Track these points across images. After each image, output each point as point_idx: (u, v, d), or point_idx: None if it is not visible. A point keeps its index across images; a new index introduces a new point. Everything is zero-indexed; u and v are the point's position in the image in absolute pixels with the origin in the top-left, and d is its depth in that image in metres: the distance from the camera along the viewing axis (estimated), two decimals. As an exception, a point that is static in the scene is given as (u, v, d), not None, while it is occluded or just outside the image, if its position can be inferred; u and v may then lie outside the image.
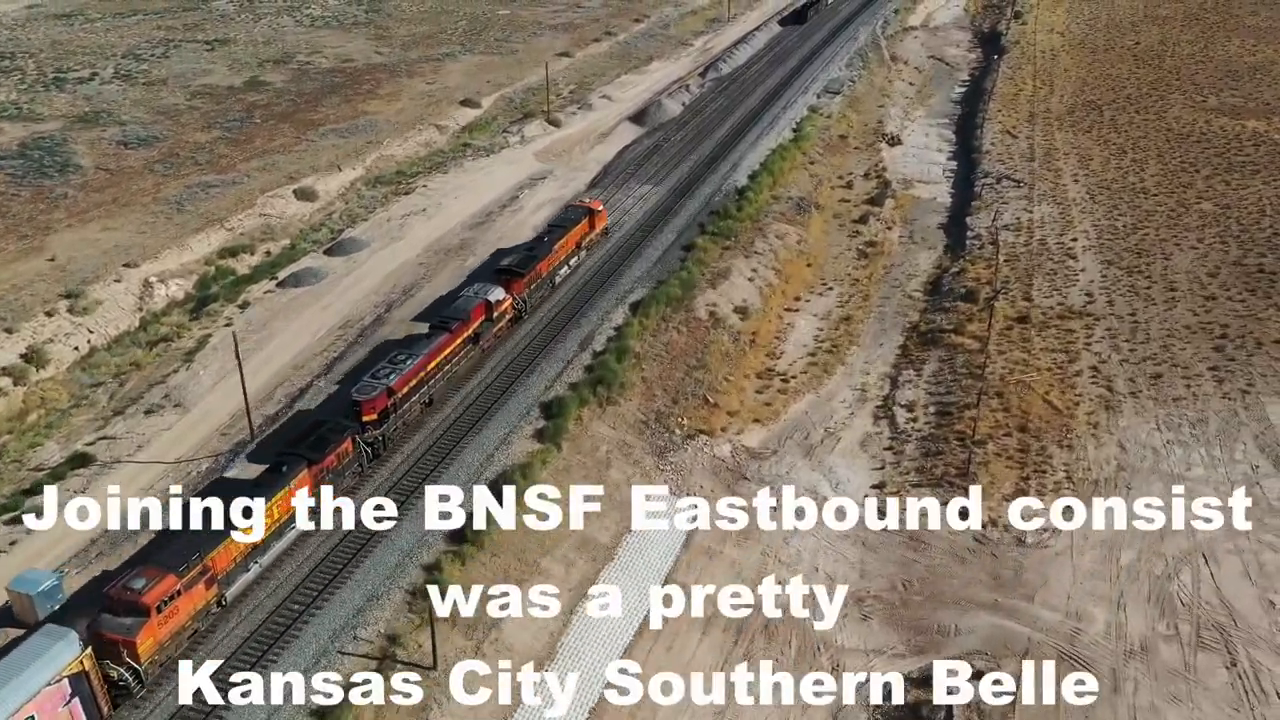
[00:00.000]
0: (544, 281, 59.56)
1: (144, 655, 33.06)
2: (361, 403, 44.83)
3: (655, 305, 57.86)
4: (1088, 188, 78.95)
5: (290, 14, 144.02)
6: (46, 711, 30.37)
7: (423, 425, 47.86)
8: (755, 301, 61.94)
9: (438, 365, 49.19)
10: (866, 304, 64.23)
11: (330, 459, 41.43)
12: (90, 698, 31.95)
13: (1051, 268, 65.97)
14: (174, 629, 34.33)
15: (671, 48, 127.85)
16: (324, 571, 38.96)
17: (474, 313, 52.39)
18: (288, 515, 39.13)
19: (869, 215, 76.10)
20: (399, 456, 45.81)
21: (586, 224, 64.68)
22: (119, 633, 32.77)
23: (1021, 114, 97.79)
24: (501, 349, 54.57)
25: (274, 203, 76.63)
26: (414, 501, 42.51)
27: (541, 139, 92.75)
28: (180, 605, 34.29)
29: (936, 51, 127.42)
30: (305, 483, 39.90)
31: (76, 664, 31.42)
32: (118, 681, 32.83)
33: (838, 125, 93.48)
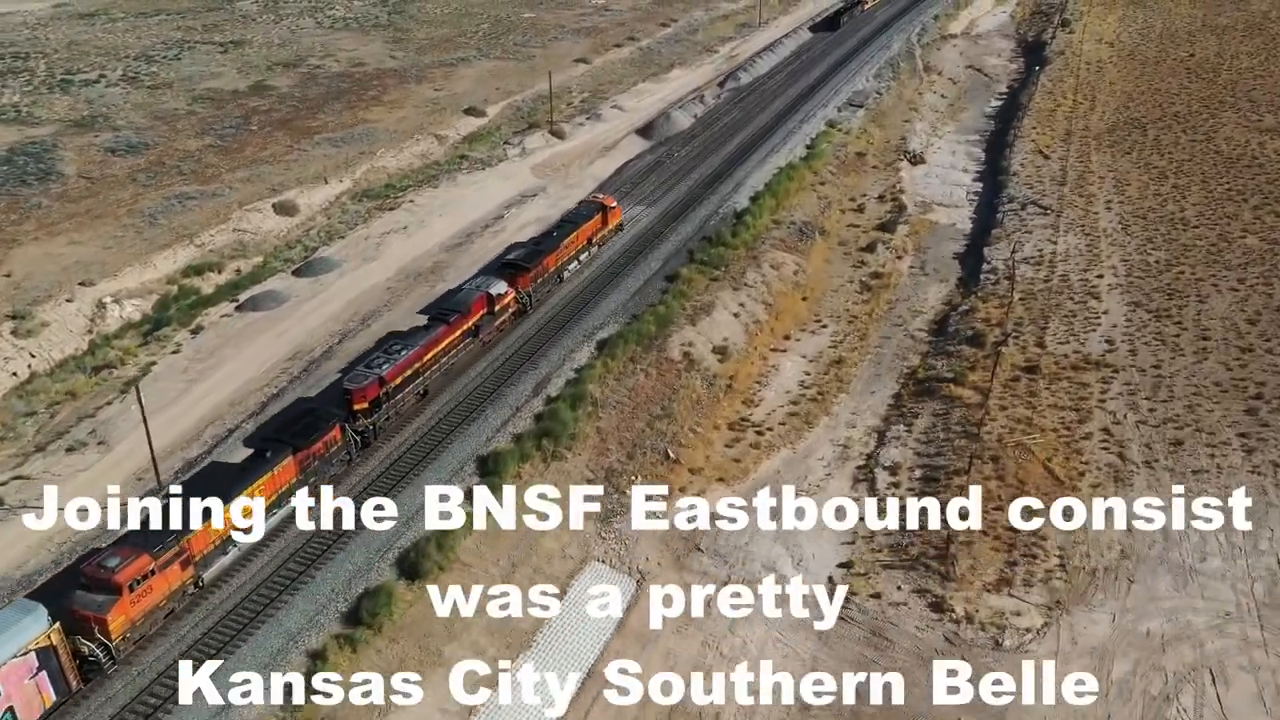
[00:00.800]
0: (551, 276, 59.65)
1: (115, 633, 33.49)
2: (352, 391, 45.00)
3: (624, 344, 53.20)
4: (1121, 216, 72.53)
5: (312, 15, 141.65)
6: (12, 683, 30.57)
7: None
8: (738, 340, 56.93)
9: (434, 357, 49.05)
10: (863, 344, 58.86)
11: (318, 446, 41.59)
12: (58, 671, 32.27)
13: (1071, 309, 59.98)
14: (147, 608, 34.65)
15: (695, 55, 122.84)
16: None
17: (474, 305, 52.29)
18: (271, 500, 39.24)
19: (878, 243, 70.56)
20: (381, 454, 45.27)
21: (599, 220, 64.75)
22: (91, 609, 33.23)
23: (1057, 131, 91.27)
24: (457, 385, 50.42)
25: (250, 217, 73.25)
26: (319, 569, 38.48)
27: (542, 151, 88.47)
28: (154, 585, 34.64)
29: (975, 61, 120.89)
30: (291, 469, 40.20)
31: (44, 638, 31.71)
32: (89, 657, 33.22)
33: (856, 142, 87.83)
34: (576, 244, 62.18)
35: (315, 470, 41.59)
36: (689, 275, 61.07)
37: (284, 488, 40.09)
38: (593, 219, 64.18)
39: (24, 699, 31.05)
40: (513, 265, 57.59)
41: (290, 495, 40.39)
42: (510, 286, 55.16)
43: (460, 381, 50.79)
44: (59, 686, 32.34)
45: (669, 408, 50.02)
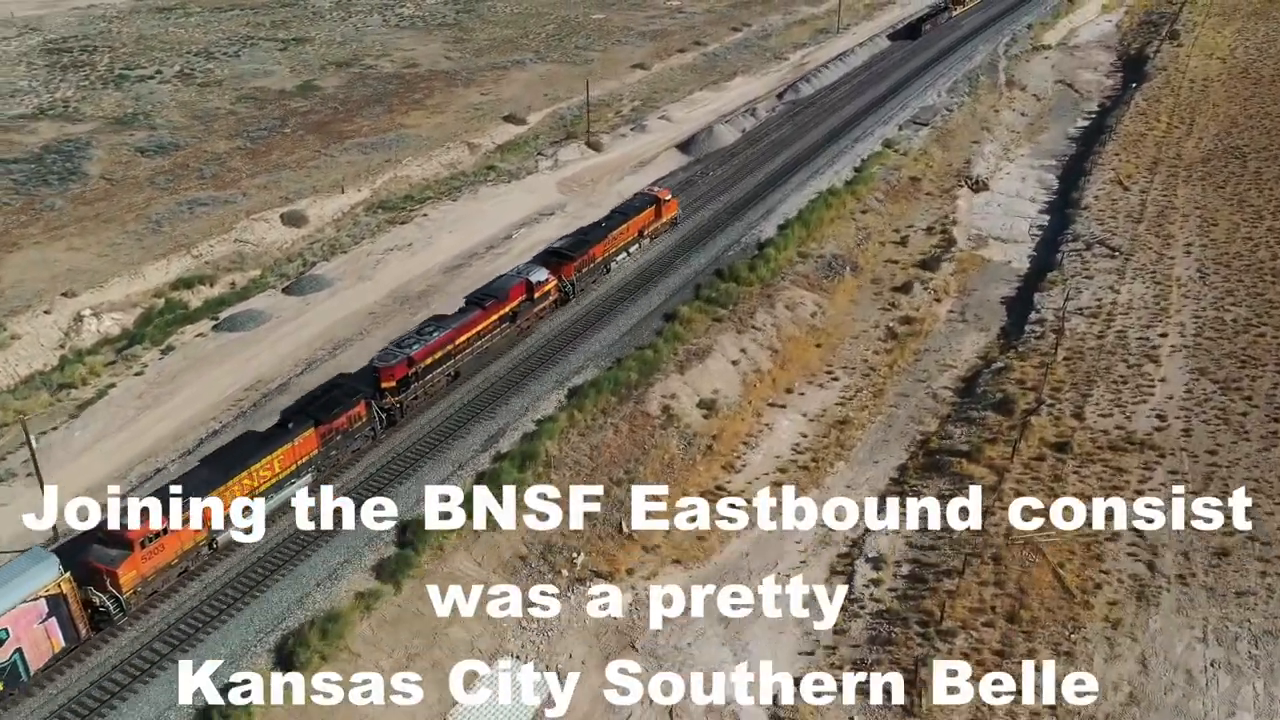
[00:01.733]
0: (597, 266, 59.94)
1: (126, 586, 34.94)
2: (380, 370, 46.04)
3: (596, 394, 48.08)
4: (1201, 262, 63.95)
5: (381, 12, 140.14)
6: (21, 626, 32.21)
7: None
8: (732, 392, 51.18)
9: (467, 340, 49.58)
10: (876, 403, 52.43)
11: (341, 420, 42.74)
12: (68, 619, 33.66)
13: (1122, 373, 52.31)
14: (159, 565, 36.03)
15: (762, 62, 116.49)
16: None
17: (512, 292, 52.74)
18: (291, 470, 40.34)
19: (915, 282, 63.63)
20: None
21: (651, 213, 64.67)
22: (104, 562, 34.86)
23: (1143, 159, 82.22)
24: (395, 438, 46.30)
25: (256, 227, 70.55)
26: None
27: (575, 164, 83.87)
28: (166, 543, 36.05)
29: (1068, 75, 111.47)
30: (312, 441, 41.33)
31: (55, 586, 33.07)
32: (100, 608, 34.61)
33: (912, 165, 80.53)
34: (626, 236, 62.24)
35: (338, 444, 42.88)
36: (688, 314, 55.50)
37: (304, 459, 41.13)
38: (645, 211, 64.00)
39: (33, 642, 32.73)
40: (557, 253, 58.00)
41: (310, 466, 41.50)
42: (553, 274, 55.75)
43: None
44: (68, 633, 33.79)
45: (634, 470, 44.73)
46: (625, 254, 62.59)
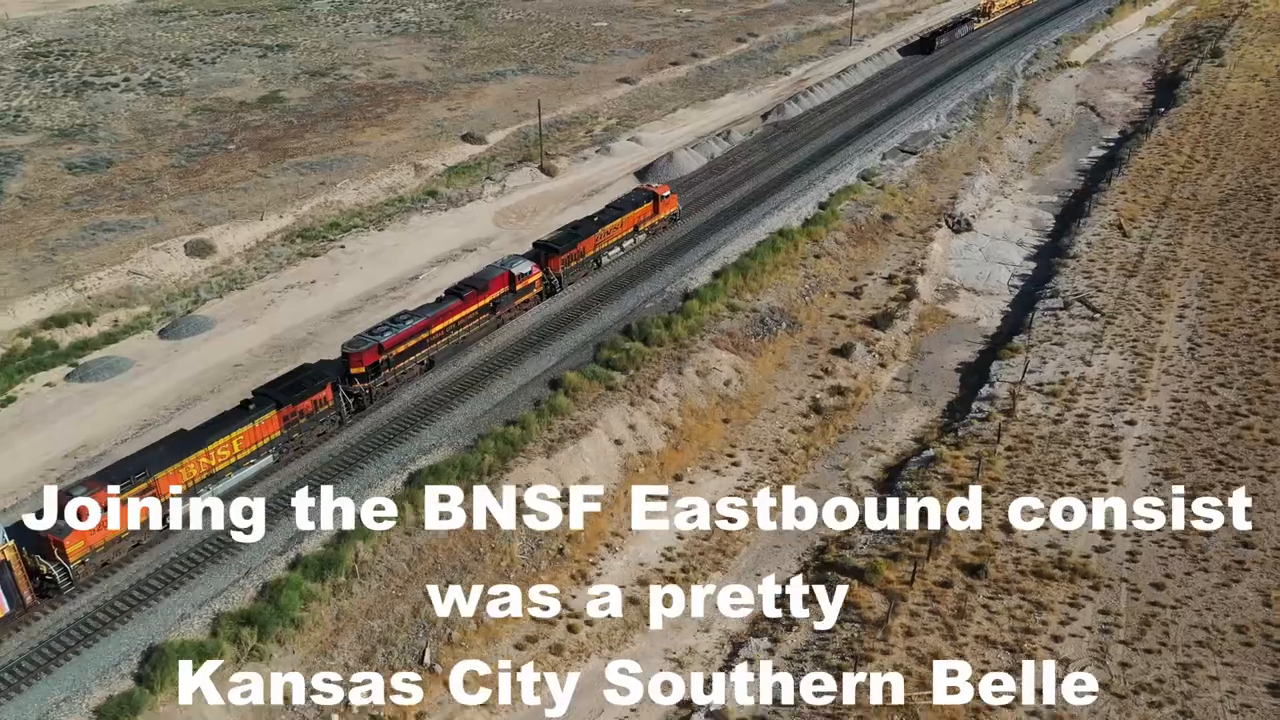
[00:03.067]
0: (587, 261, 60.25)
1: (73, 556, 35.73)
2: (350, 355, 46.34)
3: (436, 481, 41.39)
4: (1194, 330, 55.29)
5: (378, 18, 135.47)
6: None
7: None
8: (605, 480, 44.26)
9: (443, 330, 50.18)
10: (778, 495, 45.03)
11: (305, 404, 43.35)
12: (12, 585, 34.33)
13: (1072, 471, 44.26)
14: (108, 537, 36.68)
15: (759, 77, 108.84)
16: None
17: (493, 283, 53.20)
18: (250, 450, 41.21)
19: (859, 342, 55.96)
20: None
21: (649, 208, 64.57)
22: (53, 532, 35.50)
23: (1153, 198, 73.19)
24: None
25: (155, 257, 65.36)
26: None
27: (522, 191, 77.43)
28: (116, 515, 36.61)
29: (1092, 97, 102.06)
30: (274, 423, 41.96)
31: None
32: (47, 576, 35.37)
33: (888, 200, 72.54)
34: (620, 230, 62.44)
35: (301, 427, 43.45)
36: (576, 382, 48.62)
37: (265, 440, 41.79)
38: (641, 206, 64.05)
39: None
40: (546, 246, 58.51)
41: (271, 448, 42.07)
42: (539, 267, 56.35)
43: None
44: (12, 599, 34.47)
45: (463, 579, 38.02)
46: (619, 248, 62.60)
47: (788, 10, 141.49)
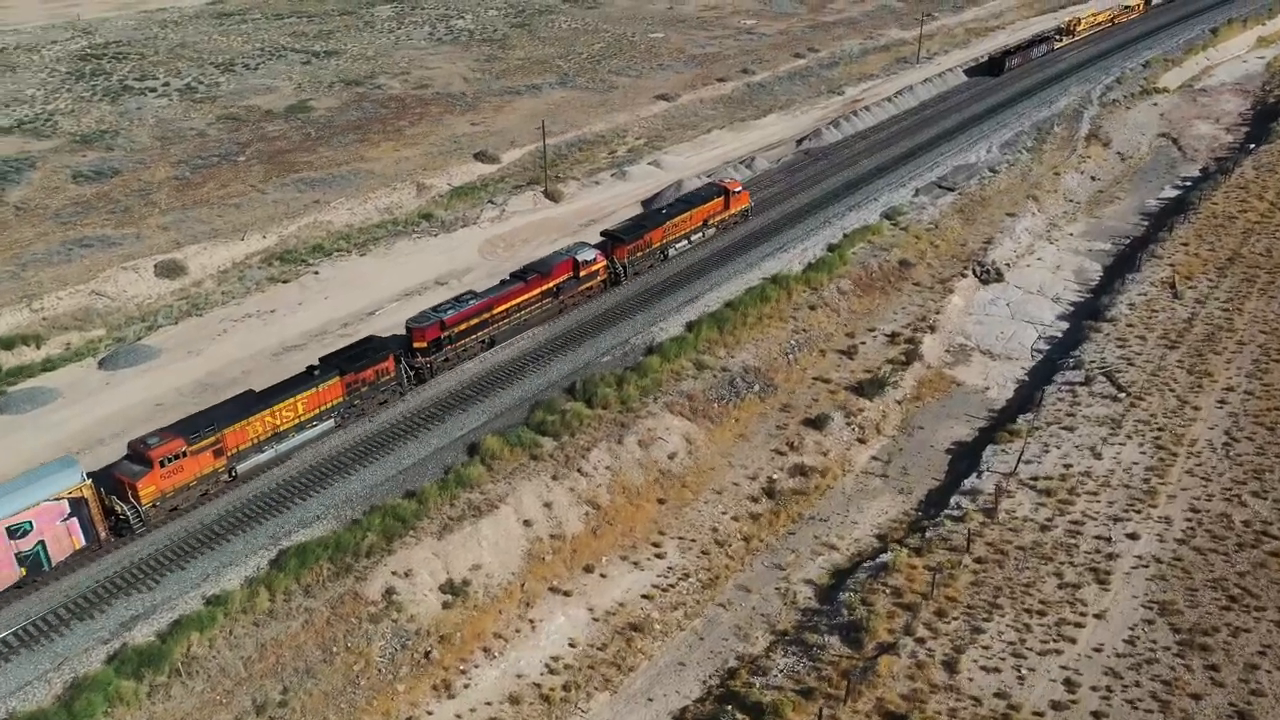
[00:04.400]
0: (653, 252, 61.43)
1: (145, 499, 38.71)
2: (413, 330, 48.92)
3: (305, 562, 37.05)
4: (1235, 421, 47.14)
5: (434, 25, 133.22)
6: (44, 521, 36.08)
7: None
8: (502, 570, 39.18)
9: (505, 311, 52.32)
10: (700, 599, 39.30)
11: (367, 373, 46.08)
12: (89, 521, 37.41)
13: (1048, 596, 37.25)
14: (177, 484, 39.60)
15: (810, 96, 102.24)
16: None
17: (557, 269, 54.86)
18: (313, 413, 43.99)
19: (839, 412, 49.57)
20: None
21: (719, 203, 65.56)
22: (127, 475, 38.67)
23: (1219, 253, 64.33)
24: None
25: (121, 278, 63.08)
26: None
27: (520, 217, 73.01)
28: (185, 465, 39.59)
29: (1177, 128, 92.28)
30: (337, 389, 44.83)
31: (77, 490, 36.84)
32: (121, 516, 38.49)
33: (911, 244, 65.52)
34: (689, 224, 63.44)
35: (363, 395, 46.14)
36: (496, 448, 43.69)
37: (328, 405, 44.52)
38: (711, 201, 64.93)
39: (54, 537, 36.45)
40: (613, 236, 59.92)
41: (333, 413, 44.83)
42: (604, 256, 57.80)
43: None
44: (89, 534, 37.57)
45: (302, 687, 33.47)
46: (686, 241, 63.53)
47: (858, 24, 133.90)
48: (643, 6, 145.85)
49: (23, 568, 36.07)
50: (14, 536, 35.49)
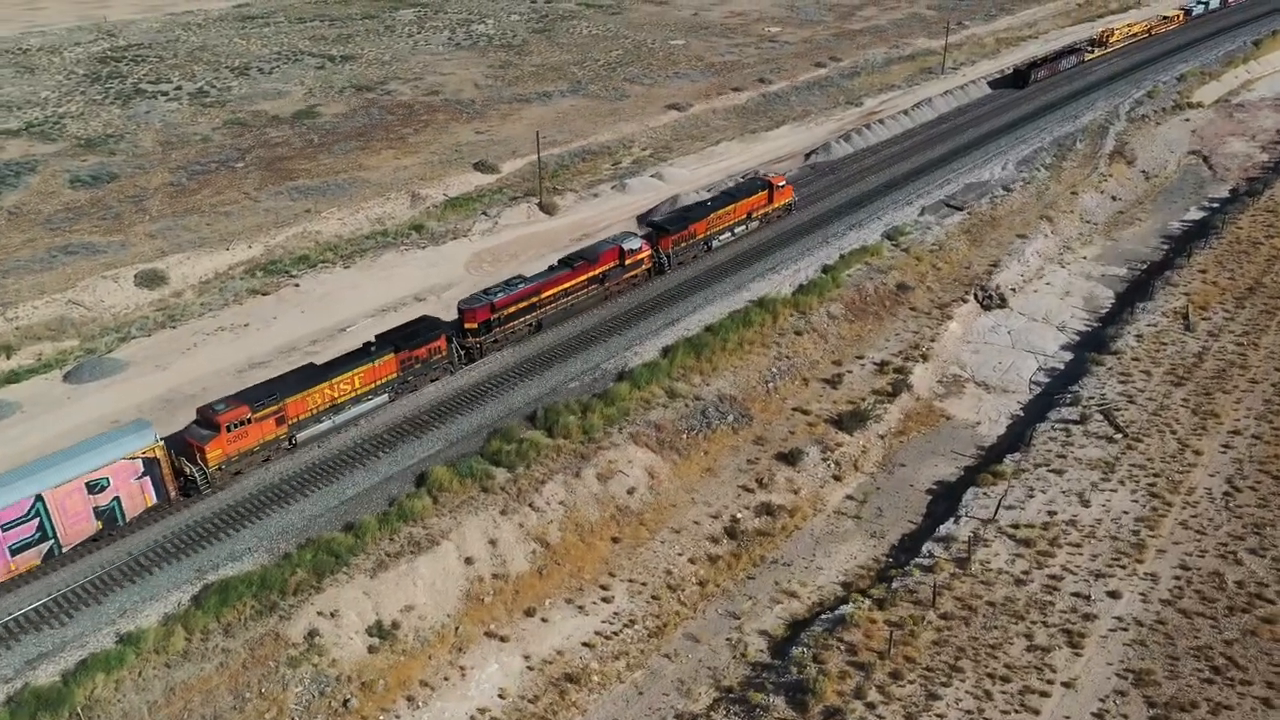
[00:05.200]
0: (697, 243, 62.88)
1: (212, 461, 41.22)
2: (464, 311, 51.27)
3: (228, 600, 35.43)
4: (1239, 468, 43.93)
5: (454, 30, 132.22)
6: (120, 478, 38.56)
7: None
8: (437, 611, 37.27)
9: (552, 296, 54.19)
10: (644, 649, 37.08)
11: (421, 350, 48.43)
12: (160, 480, 39.96)
13: (1014, 659, 34.52)
14: (242, 448, 42.17)
15: (827, 107, 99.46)
16: None
17: (604, 256, 56.79)
18: (369, 387, 46.50)
19: (815, 446, 47.07)
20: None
21: (763, 196, 66.97)
22: (196, 439, 41.24)
23: (1240, 281, 60.80)
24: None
25: (100, 287, 62.24)
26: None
27: (512, 230, 71.31)
28: (249, 431, 42.11)
29: (1209, 145, 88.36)
30: (391, 365, 47.26)
31: (150, 450, 39.40)
32: (189, 477, 41.01)
33: (911, 266, 62.74)
34: (733, 216, 64.86)
35: (416, 371, 48.61)
36: (444, 479, 41.82)
37: (383, 379, 47.05)
38: (756, 195, 66.41)
39: (129, 494, 39.11)
40: (658, 227, 61.98)
41: (388, 388, 47.33)
42: (649, 245, 59.58)
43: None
44: (160, 492, 40.22)
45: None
46: (730, 233, 64.96)
47: (885, 32, 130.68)
48: (667, 13, 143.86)
49: (100, 521, 38.56)
50: (93, 491, 38.00)
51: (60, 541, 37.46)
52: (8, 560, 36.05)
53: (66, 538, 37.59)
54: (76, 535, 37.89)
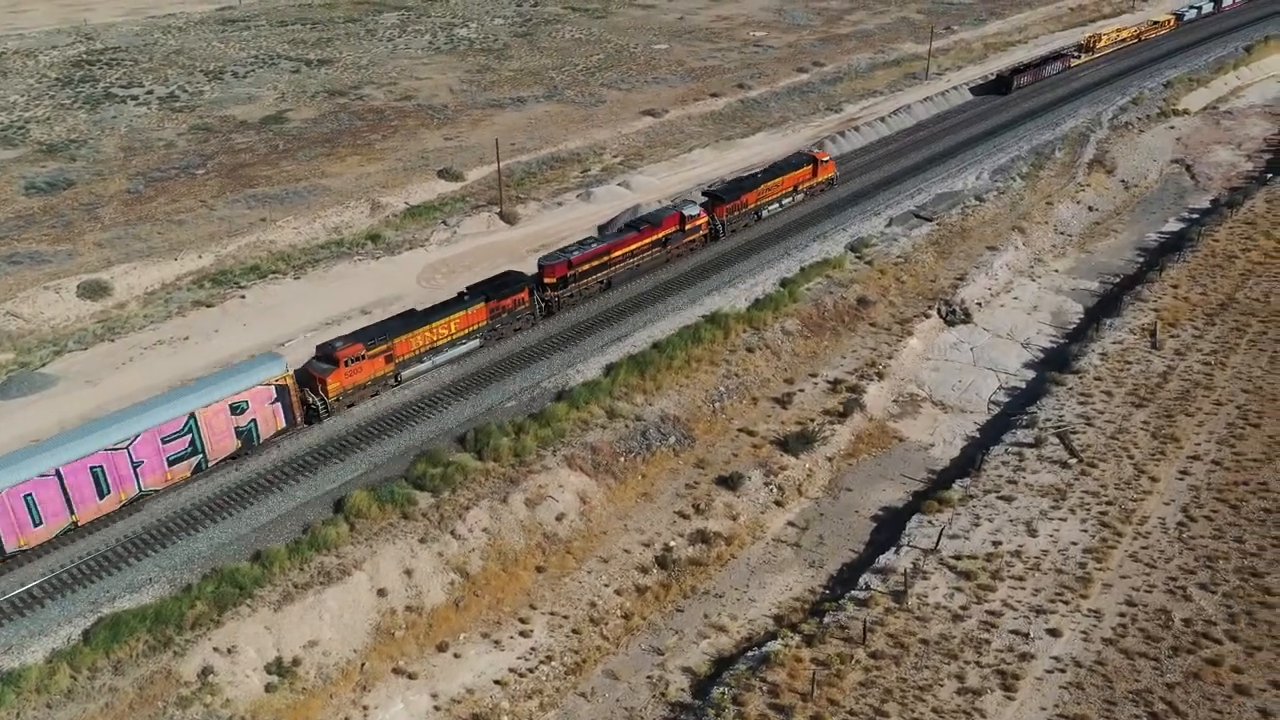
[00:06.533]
0: (749, 212, 67.38)
1: (331, 392, 46.07)
2: (544, 267, 55.67)
3: (120, 635, 33.79)
4: (1196, 496, 42.06)
5: (435, 34, 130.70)
6: (257, 401, 43.18)
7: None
8: (343, 646, 35.56)
9: (620, 256, 58.33)
10: (560, 688, 35.33)
11: (507, 301, 52.86)
12: (289, 407, 44.51)
13: (941, 704, 32.76)
14: (356, 382, 46.87)
15: (806, 114, 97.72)
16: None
17: (666, 221, 61.00)
18: (464, 332, 51.20)
19: (758, 470, 45.29)
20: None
21: (808, 171, 71.25)
22: (318, 372, 46.14)
23: (1212, 297, 58.90)
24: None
25: (40, 298, 60.74)
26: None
27: (471, 240, 69.71)
28: (362, 367, 46.88)
29: (1193, 154, 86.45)
30: (482, 313, 51.93)
31: (281, 379, 43.99)
32: (311, 405, 45.92)
33: (870, 280, 60.96)
34: (780, 189, 69.19)
35: (502, 320, 53.13)
36: (362, 505, 40.13)
37: (474, 326, 51.77)
38: (801, 169, 70.75)
39: (263, 416, 43.72)
40: (714, 196, 66.11)
41: (478, 334, 51.97)
42: (706, 212, 63.80)
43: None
44: (288, 417, 44.75)
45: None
46: (778, 204, 69.08)
47: (871, 37, 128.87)
48: (653, 17, 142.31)
49: (239, 440, 43.01)
50: (235, 413, 42.39)
51: (207, 456, 42.06)
52: (165, 470, 40.76)
53: (213, 453, 42.22)
54: (220, 452, 42.51)
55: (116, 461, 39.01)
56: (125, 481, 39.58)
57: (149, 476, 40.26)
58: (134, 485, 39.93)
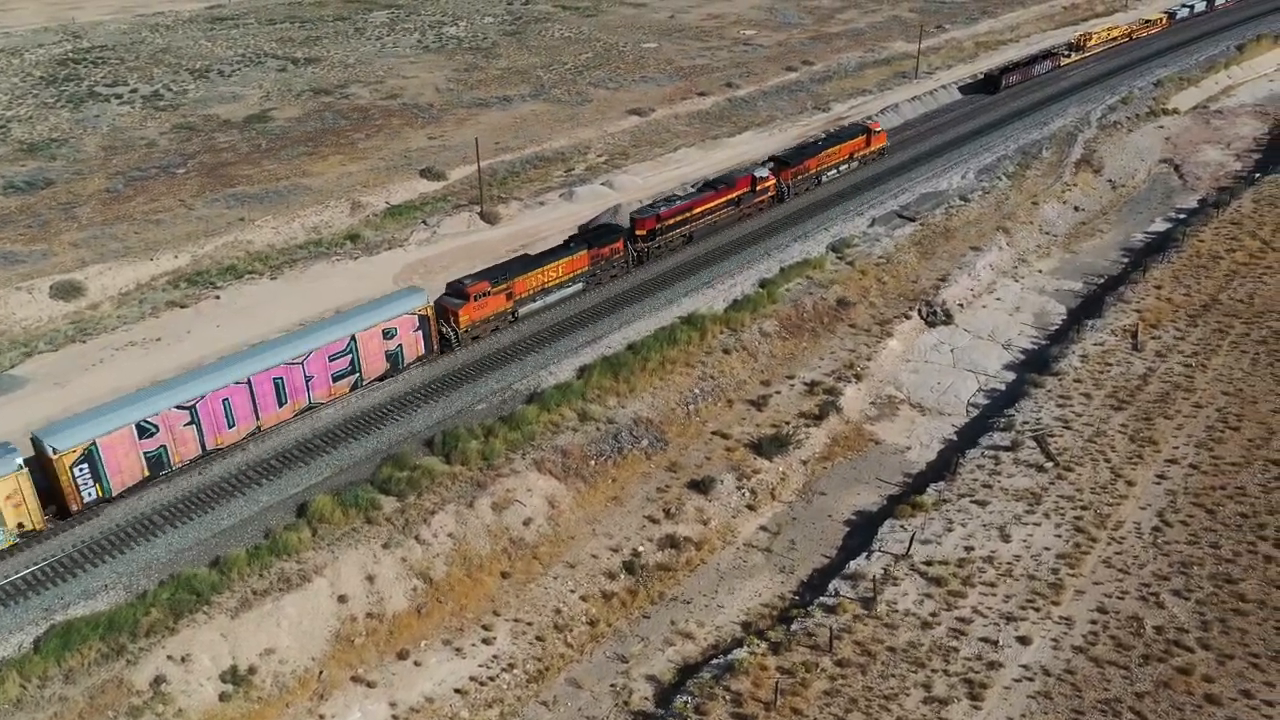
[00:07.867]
0: (810, 177, 72.81)
1: (462, 323, 51.19)
2: (636, 220, 60.77)
3: (64, 645, 33.11)
4: (1173, 500, 41.47)
5: (424, 33, 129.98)
6: (403, 328, 48.38)
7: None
8: (300, 654, 34.97)
9: (700, 212, 63.43)
10: (523, 695, 34.73)
11: (605, 250, 57.80)
12: (428, 335, 49.76)
13: (907, 713, 32.17)
14: (482, 315, 52.03)
15: (794, 113, 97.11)
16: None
17: (740, 182, 66.16)
18: (570, 275, 56.11)
19: (728, 475, 44.69)
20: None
21: (862, 140, 76.98)
22: (451, 305, 51.00)
23: (1195, 297, 58.33)
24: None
25: (13, 298, 60.18)
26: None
27: (451, 240, 69.10)
28: (488, 302, 52.02)
29: (1182, 153, 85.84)
30: (584, 259, 56.71)
31: (423, 309, 49.27)
32: (444, 336, 50.99)
33: (851, 281, 60.35)
34: (838, 155, 74.97)
35: (601, 266, 57.86)
36: (326, 509, 39.54)
37: (578, 270, 56.59)
38: (856, 138, 76.65)
39: (409, 343, 48.80)
40: (779, 160, 71.08)
41: (581, 279, 56.88)
42: (773, 175, 68.94)
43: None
44: (427, 345, 49.82)
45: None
46: (835, 170, 74.81)
47: (863, 35, 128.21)
48: (643, 15, 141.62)
49: (388, 363, 48.00)
50: (386, 338, 47.38)
51: (363, 375, 47.10)
52: (330, 385, 45.90)
53: (367, 372, 47.25)
54: (373, 372, 47.45)
55: (293, 375, 44.23)
56: (298, 393, 44.73)
57: (317, 390, 45.49)
58: (305, 397, 45.13)
